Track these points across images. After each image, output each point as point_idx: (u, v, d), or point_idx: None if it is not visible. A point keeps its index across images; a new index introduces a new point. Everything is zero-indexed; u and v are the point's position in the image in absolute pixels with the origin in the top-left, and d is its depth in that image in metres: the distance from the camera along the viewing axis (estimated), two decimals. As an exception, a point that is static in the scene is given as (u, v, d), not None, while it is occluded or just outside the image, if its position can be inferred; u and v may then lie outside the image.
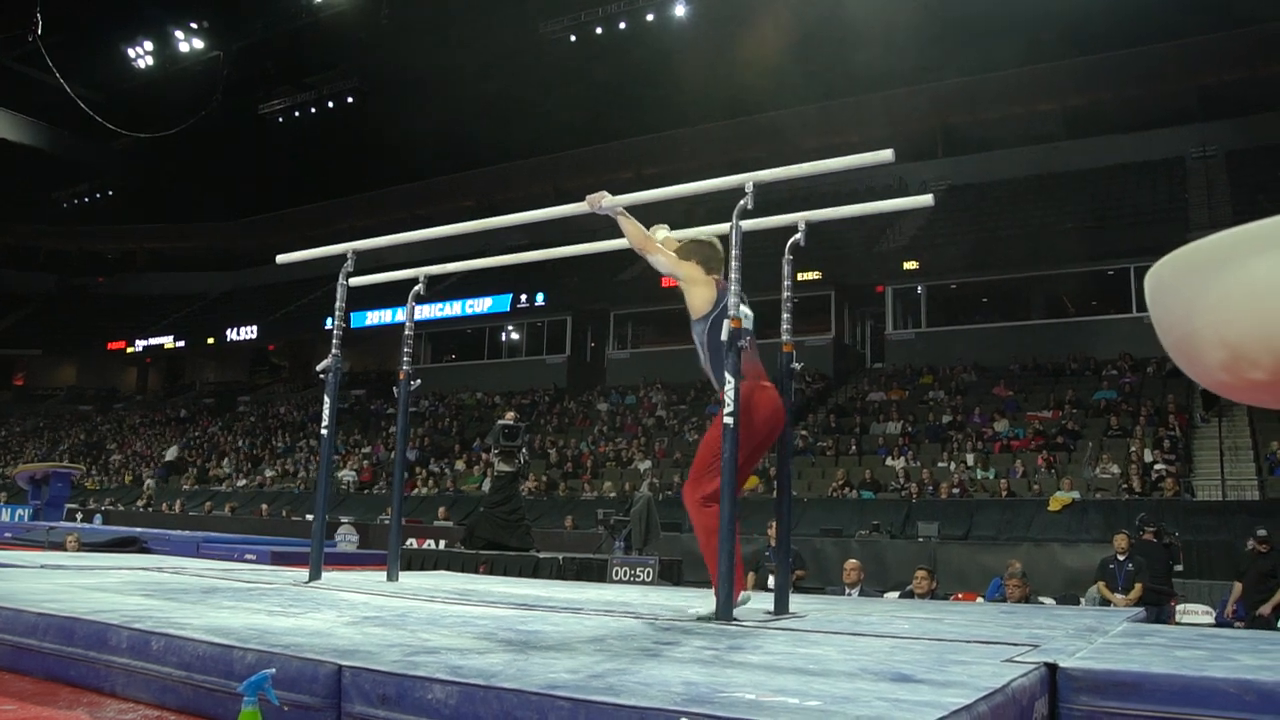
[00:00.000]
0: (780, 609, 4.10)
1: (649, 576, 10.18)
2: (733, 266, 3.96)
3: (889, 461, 18.23)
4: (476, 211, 30.07)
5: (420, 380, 5.97)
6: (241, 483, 26.39)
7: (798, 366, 4.44)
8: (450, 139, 33.49)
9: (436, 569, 10.26)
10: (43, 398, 41.67)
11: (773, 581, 4.99)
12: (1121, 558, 9.49)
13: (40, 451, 32.89)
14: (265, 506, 22.06)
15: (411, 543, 14.53)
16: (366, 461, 25.21)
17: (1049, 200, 24.94)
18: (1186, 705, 2.28)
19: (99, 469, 30.49)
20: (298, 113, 35.94)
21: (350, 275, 5.65)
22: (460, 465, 23.43)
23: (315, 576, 5.35)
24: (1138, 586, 9.25)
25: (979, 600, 9.96)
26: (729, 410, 3.73)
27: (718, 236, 4.29)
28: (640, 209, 4.46)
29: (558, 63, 30.62)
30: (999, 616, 4.38)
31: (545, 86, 31.12)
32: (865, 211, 5.02)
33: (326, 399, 5.49)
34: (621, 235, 4.40)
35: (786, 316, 4.53)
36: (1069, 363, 21.09)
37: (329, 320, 5.46)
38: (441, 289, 29.76)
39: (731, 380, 3.75)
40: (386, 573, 5.72)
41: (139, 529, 13.46)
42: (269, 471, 26.38)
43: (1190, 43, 25.41)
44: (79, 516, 19.02)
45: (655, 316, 26.69)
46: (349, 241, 5.65)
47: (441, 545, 14.06)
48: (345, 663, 2.38)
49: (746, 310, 4.05)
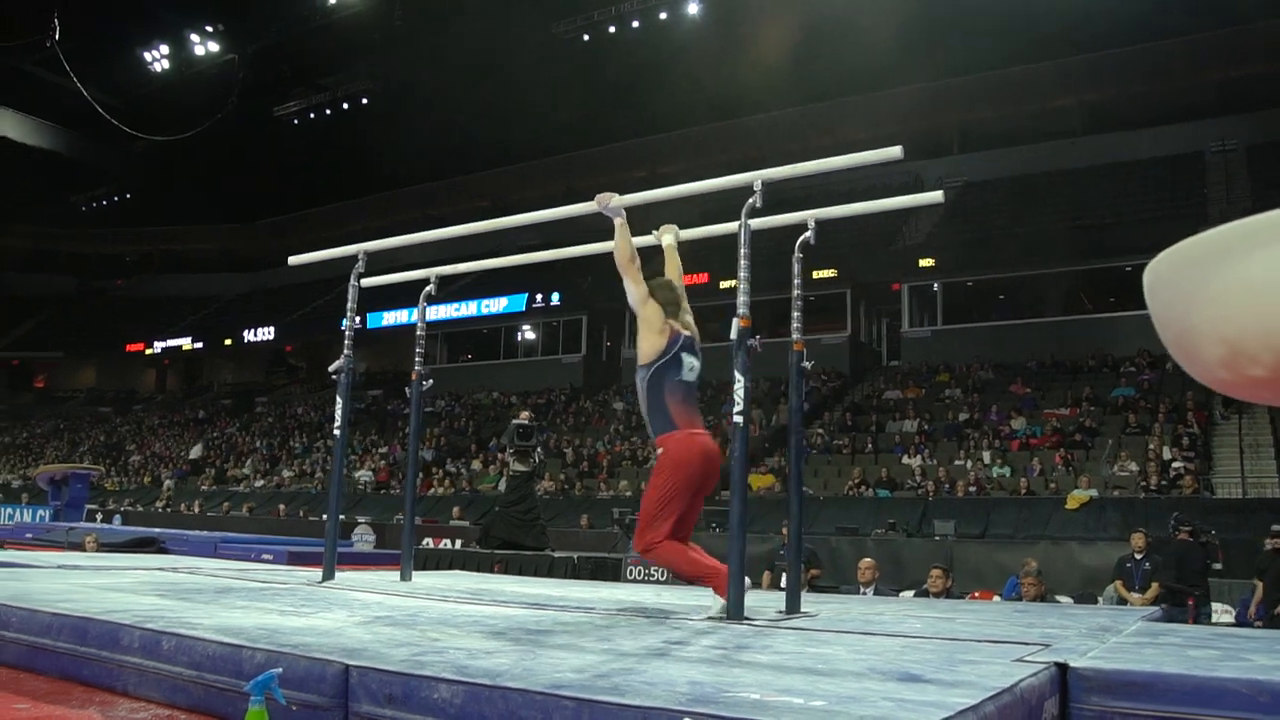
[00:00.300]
0: (792, 608, 4.09)
1: (664, 575, 10.17)
2: (742, 265, 3.96)
3: (905, 460, 18.13)
4: (490, 212, 29.95)
5: (433, 380, 5.99)
6: (259, 483, 26.52)
7: (808, 365, 4.44)
8: (464, 139, 33.48)
9: (452, 569, 10.28)
10: (63, 399, 41.93)
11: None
12: (1139, 556, 9.41)
13: (60, 453, 33.08)
14: (283, 507, 22.15)
15: (428, 542, 14.56)
16: (384, 461, 25.29)
17: (1066, 196, 24.73)
18: (1198, 706, 2.27)
19: (118, 470, 30.67)
20: (313, 114, 35.99)
21: (362, 276, 5.69)
22: (477, 465, 23.47)
23: (329, 576, 5.38)
24: (1154, 585, 9.17)
25: (995, 599, 9.89)
26: (740, 409, 3.77)
27: (674, 283, 4.37)
28: (650, 207, 4.46)
29: (571, 62, 30.59)
30: (1012, 616, 4.35)
31: (559, 86, 31.03)
32: (873, 209, 5.01)
33: (339, 399, 5.53)
34: (634, 234, 4.40)
35: (797, 315, 4.53)
36: (1086, 359, 20.87)
37: (345, 321, 5.48)
38: (457, 289, 29.81)
39: (742, 379, 3.79)
40: (400, 572, 5.75)
41: (157, 529, 13.51)
42: (286, 472, 26.51)
43: (1209, 36, 25.07)
44: (99, 517, 19.16)
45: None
46: (364, 242, 5.68)
47: (458, 545, 14.07)
48: (352, 662, 2.40)
49: (694, 362, 4.16)
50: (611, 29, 29.06)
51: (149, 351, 39.33)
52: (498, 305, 29.57)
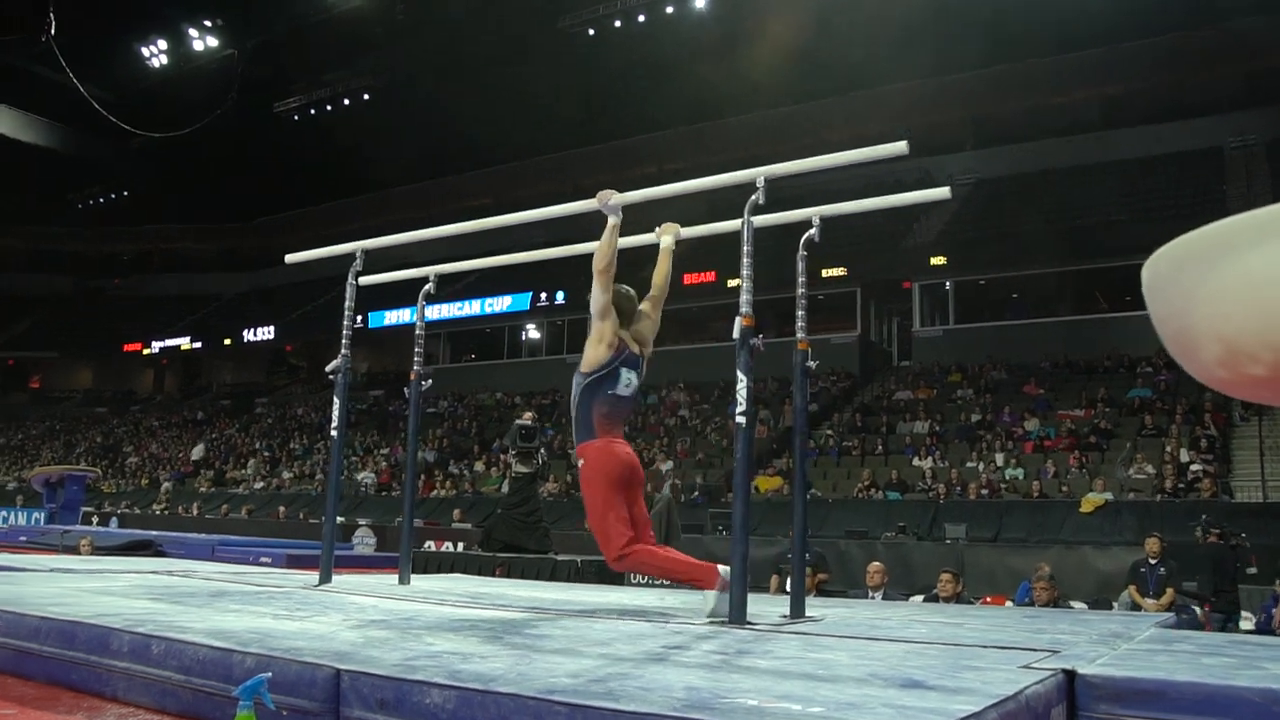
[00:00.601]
0: (796, 612, 4.03)
1: (666, 580, 10.08)
2: (745, 263, 3.90)
3: (916, 461, 17.90)
4: (494, 209, 29.98)
5: (434, 380, 5.95)
6: (259, 485, 26.44)
7: (812, 365, 4.38)
8: (467, 136, 33.26)
9: (453, 572, 10.23)
10: (59, 400, 41.75)
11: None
12: (1153, 561, 9.33)
13: (56, 454, 32.84)
14: (282, 509, 22.08)
15: (429, 545, 14.46)
16: (385, 463, 25.22)
17: (1080, 193, 24.51)
18: (1211, 715, 2.21)
19: (115, 472, 30.58)
20: (313, 110, 35.82)
21: (359, 274, 5.64)
22: (480, 467, 23.39)
23: (325, 580, 5.32)
24: (1169, 591, 9.08)
25: (1008, 604, 9.82)
26: (743, 409, 3.75)
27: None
28: (655, 204, 4.43)
29: (576, 57, 30.48)
30: (1022, 621, 4.30)
31: (563, 82, 30.93)
32: (878, 206, 4.95)
33: (336, 400, 5.49)
34: (639, 232, 4.40)
35: (801, 314, 4.47)
36: (1102, 360, 20.49)
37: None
38: (460, 288, 29.74)
39: (744, 378, 3.77)
40: (398, 576, 5.70)
41: (155, 532, 13.37)
42: (286, 473, 26.44)
43: (1230, 28, 24.54)
44: (95, 520, 19.02)
45: (677, 315, 26.41)
46: (364, 240, 5.63)
47: (459, 548, 14.00)
48: (344, 666, 2.37)
49: (633, 378, 4.27)
50: (617, 23, 29.00)
51: (147, 352, 39.19)
52: (501, 304, 29.48)
